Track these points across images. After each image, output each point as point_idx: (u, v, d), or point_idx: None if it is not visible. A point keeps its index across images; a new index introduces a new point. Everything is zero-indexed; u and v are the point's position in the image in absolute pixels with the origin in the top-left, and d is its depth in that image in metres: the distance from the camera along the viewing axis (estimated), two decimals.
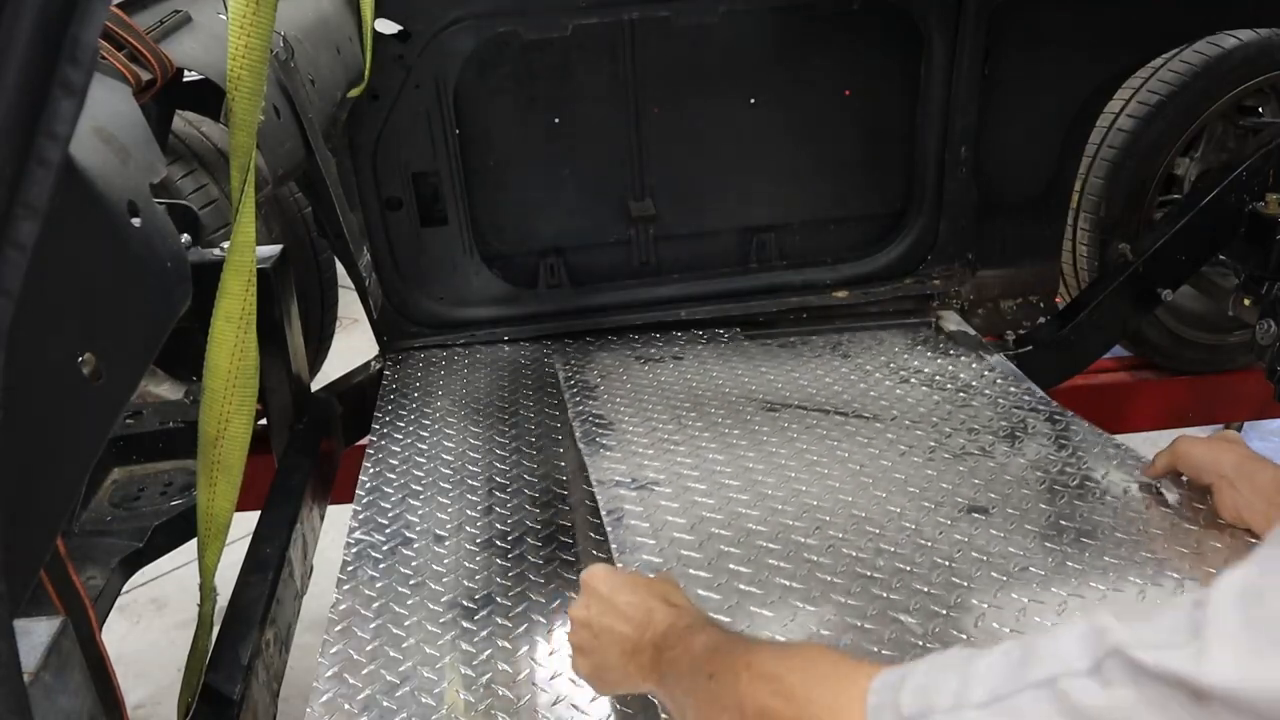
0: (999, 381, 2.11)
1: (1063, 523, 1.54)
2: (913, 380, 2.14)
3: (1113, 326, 2.61)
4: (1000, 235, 2.63)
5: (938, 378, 2.15)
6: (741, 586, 1.40)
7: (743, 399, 2.03)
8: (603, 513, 1.61)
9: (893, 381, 2.14)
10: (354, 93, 2.16)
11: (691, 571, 1.43)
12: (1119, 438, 1.84)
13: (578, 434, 1.90)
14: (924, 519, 1.55)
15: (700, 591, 1.38)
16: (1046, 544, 1.48)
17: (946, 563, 1.44)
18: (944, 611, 1.34)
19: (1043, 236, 2.66)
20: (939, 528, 1.53)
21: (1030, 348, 2.56)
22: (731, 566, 1.45)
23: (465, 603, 1.56)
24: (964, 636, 1.29)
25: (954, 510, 1.58)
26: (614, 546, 1.52)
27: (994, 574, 1.41)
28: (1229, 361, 2.96)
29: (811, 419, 1.92)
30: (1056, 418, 1.91)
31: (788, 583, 1.41)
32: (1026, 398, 2.02)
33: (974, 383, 2.11)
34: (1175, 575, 1.40)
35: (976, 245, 2.62)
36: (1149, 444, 4.22)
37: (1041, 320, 2.71)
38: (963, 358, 2.27)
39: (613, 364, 2.28)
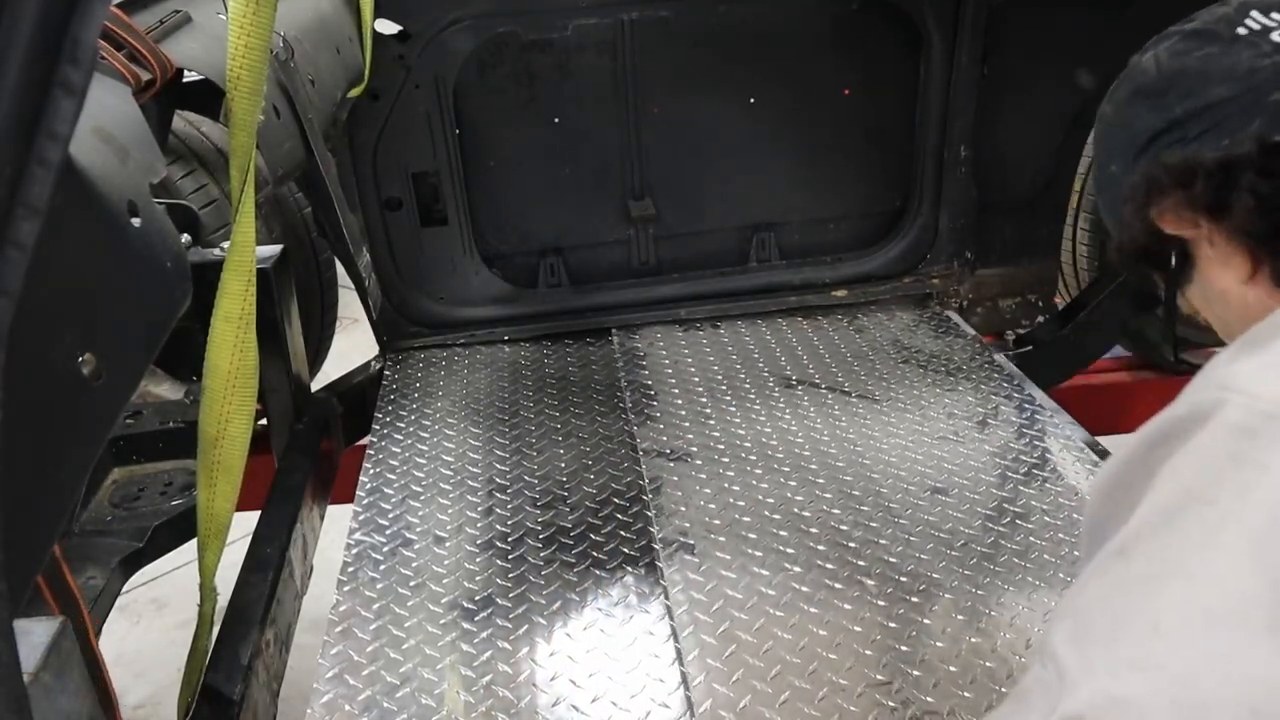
0: (986, 365, 2.31)
1: (1005, 506, 1.78)
2: (913, 360, 2.34)
3: (1113, 326, 2.61)
4: (999, 234, 2.63)
5: (935, 359, 2.34)
6: (747, 550, 1.66)
7: (768, 371, 2.30)
8: (645, 480, 1.87)
9: (896, 360, 2.34)
10: (354, 93, 2.15)
11: (711, 536, 1.70)
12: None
13: (628, 403, 2.16)
14: (897, 497, 1.80)
15: (717, 554, 1.65)
16: (989, 524, 1.72)
17: (907, 536, 1.69)
18: (899, 578, 1.58)
19: (1042, 236, 2.66)
20: (907, 505, 1.77)
21: (1030, 347, 2.57)
22: (742, 533, 1.71)
23: (466, 604, 1.56)
24: (911, 599, 1.53)
25: (922, 490, 1.82)
26: (652, 513, 1.77)
27: (943, 549, 1.65)
28: None
29: (823, 395, 2.19)
30: (1024, 406, 2.13)
31: (782, 548, 1.66)
32: (1005, 384, 2.22)
33: (964, 365, 2.31)
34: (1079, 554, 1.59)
35: (975, 244, 2.62)
36: None
37: (1041, 320, 2.71)
38: (958, 338, 2.44)
39: (659, 331, 2.54)
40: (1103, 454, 1.88)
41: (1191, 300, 0.89)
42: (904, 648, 1.42)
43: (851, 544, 1.66)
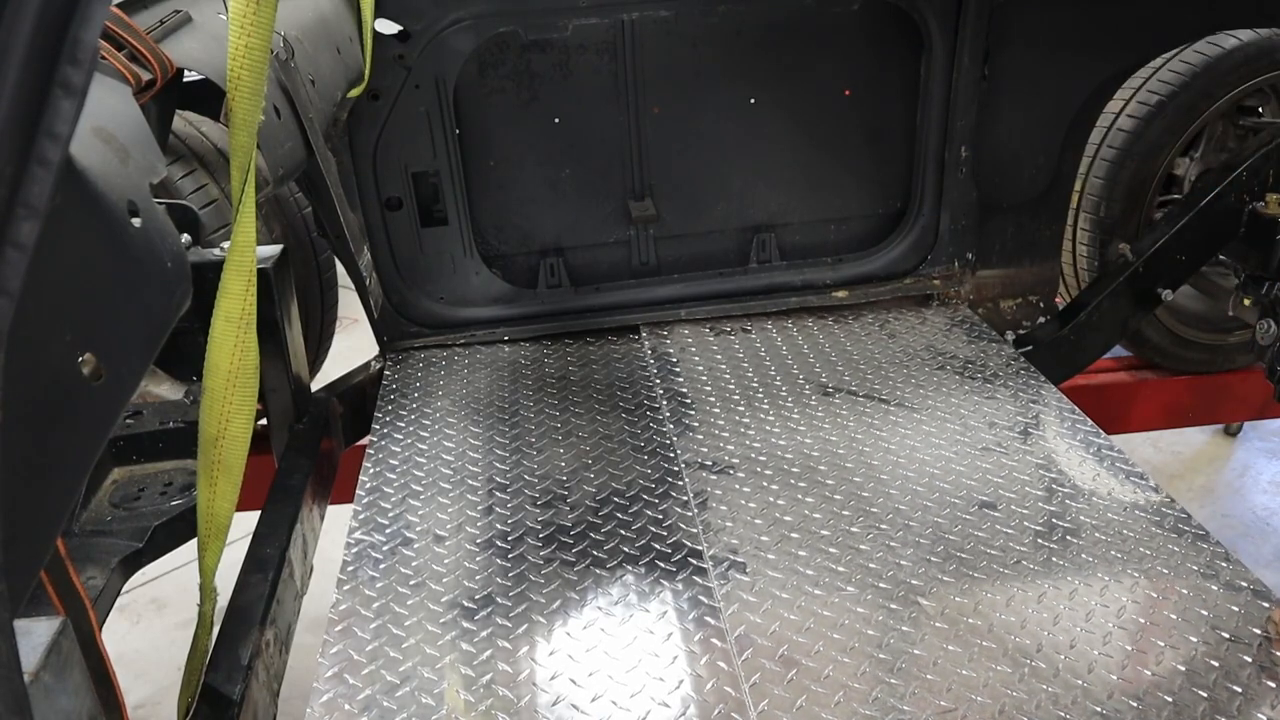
0: (1020, 373, 2.28)
1: (1055, 521, 1.74)
2: (948, 367, 2.32)
3: (1113, 326, 2.61)
4: (1000, 235, 2.63)
5: (969, 365, 2.32)
6: (799, 569, 1.63)
7: (803, 378, 2.28)
8: (689, 494, 1.84)
9: (931, 367, 2.32)
10: (354, 93, 2.16)
11: (762, 555, 1.67)
12: (1119, 438, 1.93)
13: (666, 413, 2.13)
14: (945, 513, 1.77)
15: (769, 573, 1.62)
16: (1039, 540, 1.69)
17: (959, 554, 1.66)
18: (954, 597, 1.55)
19: (1042, 236, 2.66)
20: (956, 520, 1.74)
21: (1030, 348, 2.57)
22: (792, 551, 1.68)
23: (465, 603, 1.56)
24: (967, 619, 1.50)
25: (970, 505, 1.79)
26: (699, 527, 1.74)
27: (995, 566, 1.63)
28: (1229, 361, 2.97)
29: (861, 404, 2.15)
30: (1065, 415, 2.09)
31: (834, 567, 1.64)
32: (1042, 392, 2.20)
33: (1000, 372, 2.29)
34: (1135, 573, 1.61)
35: (976, 245, 2.62)
36: (1149, 443, 4.21)
37: (1041, 320, 2.71)
38: (993, 344, 2.44)
39: (688, 336, 2.52)
40: (1140, 475, 1.84)
41: None
42: (967, 672, 1.40)
43: (904, 563, 1.62)
